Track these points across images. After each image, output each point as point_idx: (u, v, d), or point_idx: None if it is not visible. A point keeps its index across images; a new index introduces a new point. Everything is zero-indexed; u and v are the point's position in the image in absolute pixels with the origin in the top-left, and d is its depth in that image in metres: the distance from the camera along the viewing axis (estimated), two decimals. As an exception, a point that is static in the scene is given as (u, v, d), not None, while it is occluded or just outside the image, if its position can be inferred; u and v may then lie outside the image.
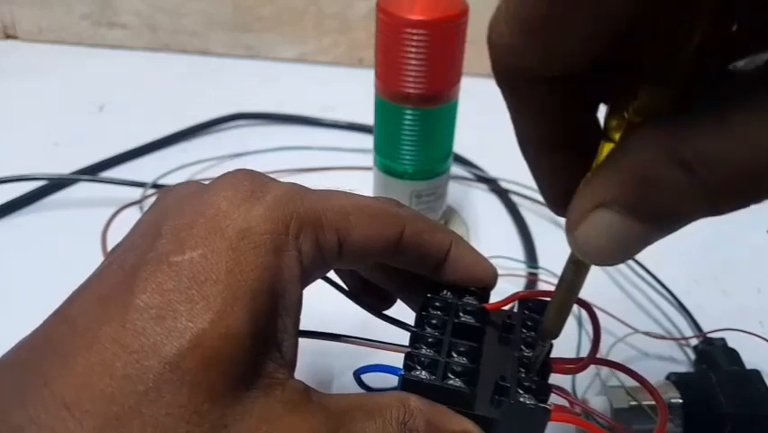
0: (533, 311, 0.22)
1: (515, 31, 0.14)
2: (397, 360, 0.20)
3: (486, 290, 0.23)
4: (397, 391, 0.19)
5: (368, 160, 0.43)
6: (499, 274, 0.41)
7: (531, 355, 0.20)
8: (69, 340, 0.16)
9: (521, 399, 0.19)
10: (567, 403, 0.21)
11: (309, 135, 0.54)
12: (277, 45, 0.66)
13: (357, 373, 0.21)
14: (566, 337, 0.20)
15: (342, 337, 0.21)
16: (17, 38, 0.69)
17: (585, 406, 0.20)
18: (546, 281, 0.39)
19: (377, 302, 0.25)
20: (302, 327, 0.19)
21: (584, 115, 0.17)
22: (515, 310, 0.22)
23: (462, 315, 0.21)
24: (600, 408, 0.30)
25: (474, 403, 0.19)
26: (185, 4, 0.65)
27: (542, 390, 0.19)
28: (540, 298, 0.22)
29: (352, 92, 0.49)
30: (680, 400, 0.31)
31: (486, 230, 0.45)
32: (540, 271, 0.40)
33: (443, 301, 0.22)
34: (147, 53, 0.68)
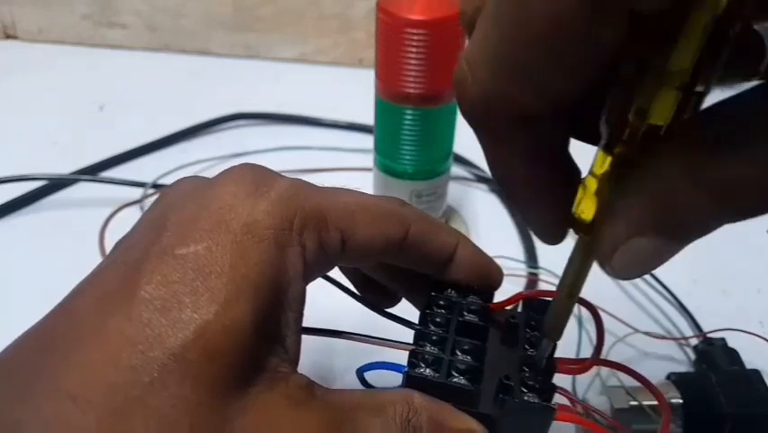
0: (536, 311, 0.22)
1: (502, 75, 0.14)
2: (400, 358, 0.20)
3: (490, 290, 0.23)
4: (402, 388, 0.19)
5: (368, 160, 0.43)
6: (500, 274, 0.41)
7: (535, 354, 0.20)
8: (73, 333, 0.16)
9: (525, 397, 0.19)
10: (569, 402, 0.21)
11: (309, 135, 0.54)
12: (277, 45, 0.66)
13: (360, 371, 0.21)
14: (566, 337, 0.20)
15: (346, 334, 0.21)
16: (17, 38, 0.69)
17: (587, 405, 0.20)
18: (546, 281, 0.39)
19: (381, 300, 0.25)
20: (305, 324, 0.19)
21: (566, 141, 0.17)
22: (518, 310, 0.22)
23: (466, 313, 0.21)
24: (600, 408, 0.30)
25: (478, 402, 0.19)
26: (185, 4, 0.65)
27: (546, 389, 0.19)
28: (543, 298, 0.22)
29: (353, 92, 0.49)
30: (680, 400, 0.31)
31: (486, 230, 0.45)
32: (540, 270, 0.40)
33: (446, 300, 0.22)
34: (147, 53, 0.68)
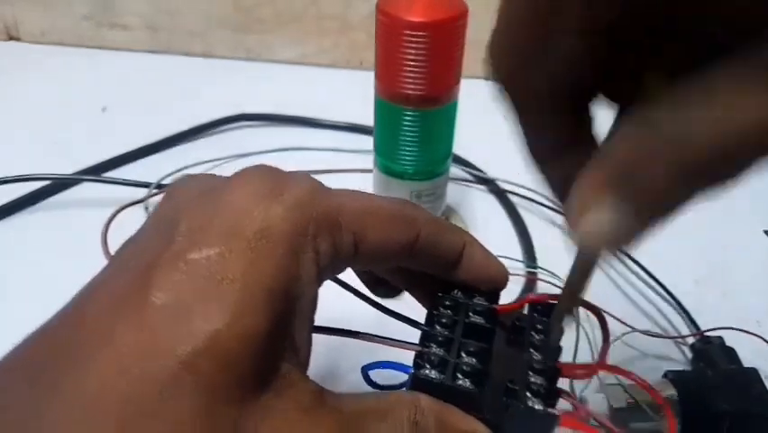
0: (542, 314, 0.22)
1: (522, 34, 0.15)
2: (406, 357, 0.20)
3: (496, 291, 0.23)
4: (408, 391, 0.19)
5: (368, 160, 0.43)
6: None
7: (547, 339, 0.20)
8: (83, 341, 0.15)
9: (530, 402, 0.19)
10: (570, 406, 0.21)
11: (310, 136, 0.55)
12: (277, 47, 0.67)
13: (365, 369, 0.21)
14: (564, 337, 0.20)
15: (352, 333, 0.21)
16: (19, 39, 0.69)
17: (589, 410, 0.20)
18: (545, 281, 0.40)
19: (389, 292, 0.25)
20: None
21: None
22: (524, 313, 0.22)
23: (473, 315, 0.21)
24: (598, 406, 0.30)
25: (482, 405, 0.19)
26: (186, 5, 0.65)
27: (550, 394, 0.19)
28: (550, 301, 0.22)
29: (353, 93, 0.49)
30: (677, 398, 0.31)
31: (485, 230, 0.45)
32: (539, 270, 0.41)
33: (453, 301, 0.22)
34: (149, 54, 0.68)
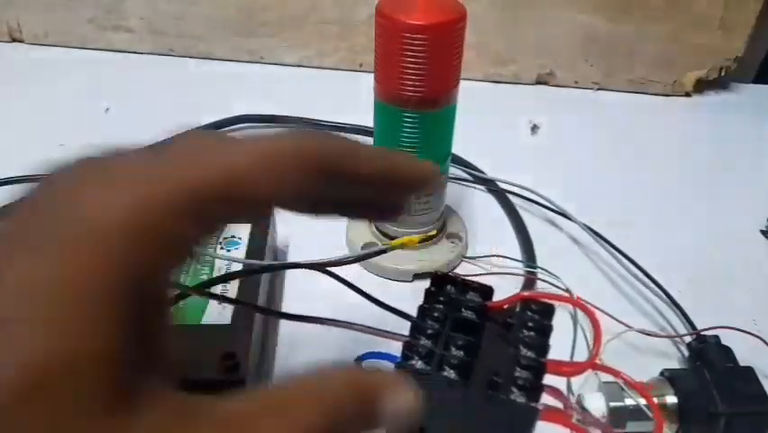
0: (535, 313, 0.22)
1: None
2: (399, 350, 0.21)
3: (489, 289, 0.23)
4: (332, 369, 0.16)
5: (368, 161, 0.43)
6: (498, 273, 0.42)
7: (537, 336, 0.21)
8: None
9: (512, 396, 0.19)
10: (561, 405, 0.21)
11: (311, 138, 0.55)
12: (279, 50, 0.67)
13: (358, 360, 0.21)
14: (563, 337, 0.20)
15: (343, 324, 0.22)
16: (23, 41, 0.70)
17: (578, 409, 0.21)
18: (544, 280, 0.40)
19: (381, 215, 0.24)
20: (303, 312, 0.19)
21: None
22: (517, 310, 0.23)
23: (464, 310, 0.22)
24: (596, 405, 0.31)
25: (467, 396, 0.19)
26: (189, 8, 0.65)
27: (535, 389, 0.20)
28: (543, 300, 0.22)
29: (353, 96, 0.50)
30: (674, 397, 0.31)
31: (484, 230, 0.46)
32: (538, 270, 0.41)
33: (446, 296, 0.22)
34: (151, 57, 0.68)
